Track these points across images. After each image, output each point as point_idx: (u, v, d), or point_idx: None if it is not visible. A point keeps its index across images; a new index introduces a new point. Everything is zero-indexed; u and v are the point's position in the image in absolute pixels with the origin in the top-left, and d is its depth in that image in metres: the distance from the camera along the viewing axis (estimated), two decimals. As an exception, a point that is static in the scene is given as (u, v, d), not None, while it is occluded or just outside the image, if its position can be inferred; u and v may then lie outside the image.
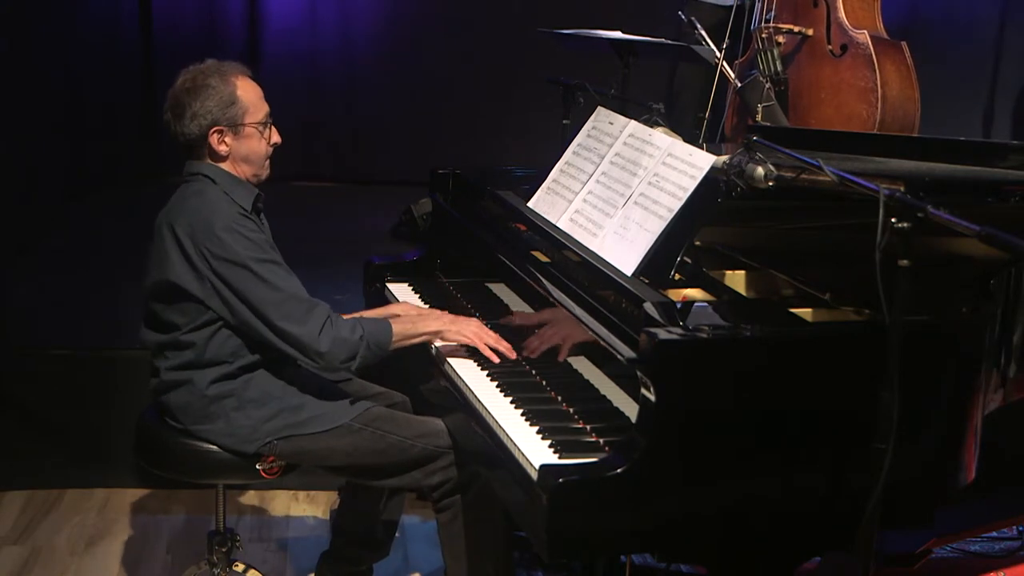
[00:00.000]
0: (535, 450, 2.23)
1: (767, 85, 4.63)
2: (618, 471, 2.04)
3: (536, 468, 2.11)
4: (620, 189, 2.64)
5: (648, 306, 2.19)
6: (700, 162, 2.48)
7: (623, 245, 2.53)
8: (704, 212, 2.49)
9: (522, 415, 2.39)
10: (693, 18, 4.67)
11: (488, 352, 2.67)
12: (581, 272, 2.54)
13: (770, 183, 2.27)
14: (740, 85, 4.70)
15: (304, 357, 2.63)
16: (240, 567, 3.12)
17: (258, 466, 2.74)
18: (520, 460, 2.22)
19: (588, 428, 2.33)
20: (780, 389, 2.14)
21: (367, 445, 2.73)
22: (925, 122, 4.68)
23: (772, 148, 2.32)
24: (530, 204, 2.92)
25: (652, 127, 2.75)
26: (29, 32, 5.07)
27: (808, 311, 2.37)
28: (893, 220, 1.89)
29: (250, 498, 3.85)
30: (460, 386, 2.62)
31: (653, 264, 2.45)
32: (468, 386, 2.58)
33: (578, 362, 2.58)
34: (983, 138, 5.82)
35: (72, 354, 3.86)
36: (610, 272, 2.45)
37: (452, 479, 2.74)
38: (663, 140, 2.63)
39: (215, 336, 2.66)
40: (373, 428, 2.74)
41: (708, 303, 2.40)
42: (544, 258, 2.76)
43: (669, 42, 4.78)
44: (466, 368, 2.68)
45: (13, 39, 4.85)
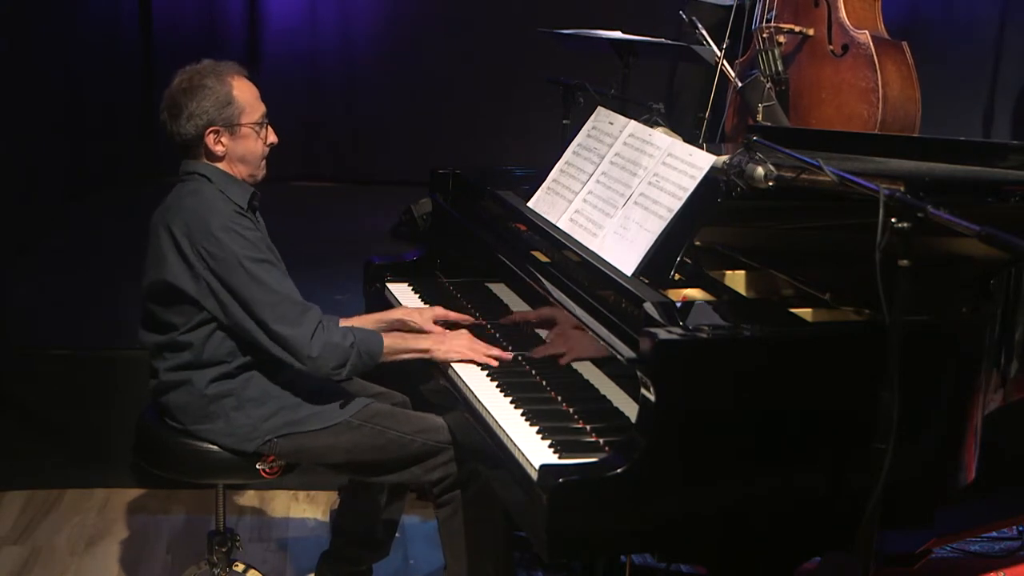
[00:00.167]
0: (535, 450, 2.23)
1: (768, 85, 4.63)
2: (618, 471, 2.04)
3: (536, 468, 2.11)
4: (620, 189, 2.64)
5: (648, 306, 2.19)
6: (700, 162, 2.48)
7: (623, 245, 2.53)
8: (704, 212, 2.49)
9: (522, 415, 2.39)
10: (694, 18, 4.67)
11: (485, 360, 2.67)
12: (581, 272, 2.54)
13: (770, 183, 2.27)
14: (741, 85, 4.70)
15: (295, 360, 2.61)
16: (240, 567, 3.12)
17: (258, 466, 2.74)
18: (520, 460, 2.22)
19: (588, 428, 2.33)
20: (780, 389, 2.14)
21: (367, 441, 2.73)
22: (925, 122, 4.68)
23: (772, 148, 2.32)
24: (530, 204, 2.92)
25: (652, 127, 2.75)
26: (29, 32, 5.06)
27: (808, 311, 2.37)
28: (893, 220, 1.89)
29: (250, 498, 3.85)
30: (460, 386, 2.62)
31: (653, 264, 2.45)
32: (468, 386, 2.58)
33: (578, 362, 2.58)
34: (983, 138, 5.82)
35: (72, 354, 3.86)
36: (610, 272, 2.45)
37: (452, 475, 2.74)
38: (663, 140, 2.63)
39: (212, 336, 2.66)
40: (373, 424, 2.74)
41: (708, 303, 2.40)
42: (544, 258, 2.76)
43: (669, 42, 4.78)
44: (466, 368, 2.68)
45: (13, 39, 4.85)
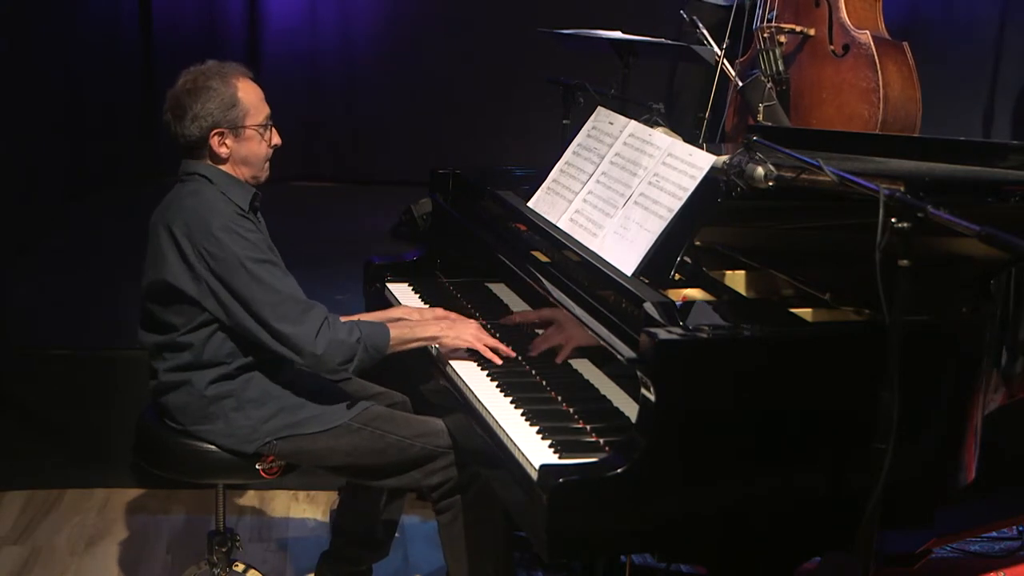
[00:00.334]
0: (535, 450, 2.23)
1: (769, 85, 4.63)
2: (618, 471, 2.04)
3: (536, 468, 2.11)
4: (620, 189, 2.64)
5: (648, 306, 2.19)
6: (700, 162, 2.48)
7: (623, 245, 2.52)
8: (704, 212, 2.49)
9: (522, 415, 2.39)
10: (695, 17, 4.67)
11: (488, 353, 2.67)
12: (581, 272, 2.54)
13: (770, 183, 2.27)
14: (742, 84, 4.69)
15: (300, 359, 2.60)
16: (240, 567, 3.12)
17: (258, 466, 2.74)
18: (520, 460, 2.22)
19: (588, 428, 2.33)
20: (780, 389, 2.14)
21: (366, 445, 2.73)
22: (925, 122, 4.68)
23: (772, 148, 2.32)
24: (530, 204, 2.92)
25: (652, 127, 2.75)
26: (29, 32, 5.06)
27: (808, 311, 2.37)
28: (893, 220, 1.89)
29: (250, 498, 3.85)
30: (460, 386, 2.62)
31: (653, 264, 2.45)
32: (468, 386, 2.58)
33: (578, 362, 2.58)
34: (983, 138, 5.82)
35: (72, 354, 3.86)
36: (610, 272, 2.45)
37: (452, 479, 2.74)
38: (663, 140, 2.63)
39: (212, 337, 2.66)
40: (372, 428, 2.74)
41: (708, 303, 2.40)
42: (544, 258, 2.76)
43: (669, 42, 4.78)
44: (466, 368, 2.68)
45: (13, 39, 4.85)
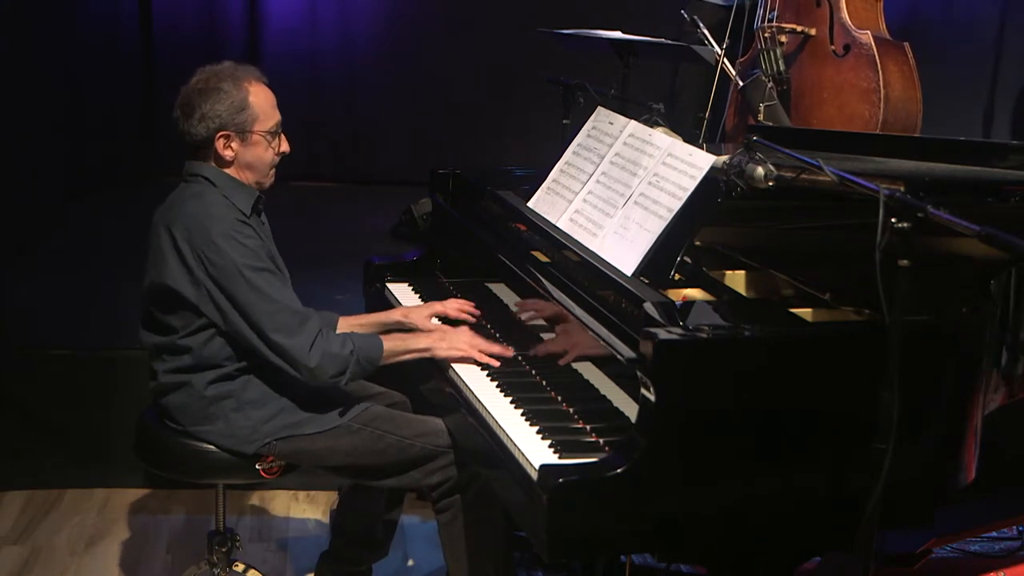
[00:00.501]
0: (535, 450, 2.23)
1: (769, 85, 4.63)
2: (618, 471, 2.03)
3: (536, 468, 2.11)
4: (620, 189, 2.64)
5: (648, 306, 2.19)
6: (700, 162, 2.48)
7: (623, 245, 2.52)
8: (704, 212, 2.49)
9: (522, 415, 2.39)
10: (696, 17, 4.67)
11: (484, 359, 2.67)
12: (581, 272, 2.54)
13: (770, 183, 2.27)
14: (742, 84, 4.69)
15: (293, 370, 2.60)
16: (240, 567, 3.12)
17: (258, 466, 2.74)
18: (520, 460, 2.22)
19: (588, 428, 2.33)
20: (780, 389, 2.14)
21: (366, 445, 2.73)
22: (925, 122, 4.68)
23: (772, 148, 2.32)
24: (530, 204, 2.92)
25: (652, 127, 2.75)
26: (29, 32, 5.06)
27: (808, 311, 2.37)
28: (893, 220, 1.89)
29: (250, 498, 3.85)
30: (460, 386, 2.62)
31: (653, 264, 2.45)
32: (468, 386, 2.58)
33: (578, 362, 2.57)
34: (983, 138, 5.82)
35: (72, 354, 3.86)
36: (610, 272, 2.45)
37: (452, 479, 2.74)
38: (663, 140, 2.63)
39: (211, 341, 2.65)
40: (372, 428, 2.74)
41: (708, 303, 2.40)
42: (544, 258, 2.76)
43: (669, 42, 4.78)
44: (466, 368, 2.67)
45: (13, 39, 4.85)
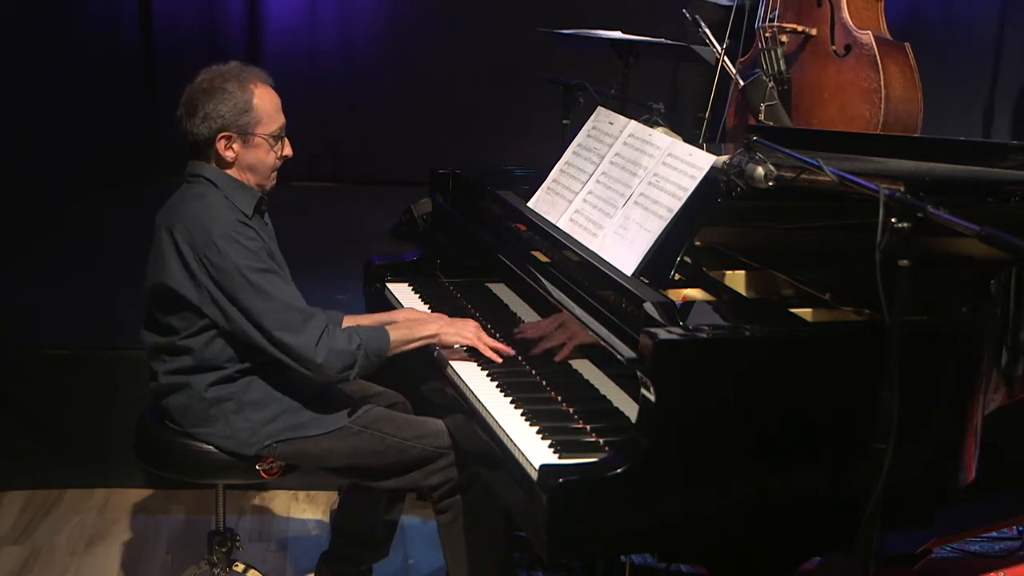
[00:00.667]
0: (535, 450, 2.23)
1: (770, 84, 4.62)
2: (618, 471, 2.03)
3: (536, 468, 2.11)
4: (620, 189, 2.64)
5: (648, 306, 2.19)
6: (700, 162, 2.48)
7: (623, 245, 2.52)
8: (704, 212, 2.49)
9: (522, 415, 2.39)
10: (697, 16, 4.67)
11: (488, 352, 2.67)
12: (581, 272, 2.54)
13: (770, 183, 2.27)
14: (743, 84, 4.69)
15: (300, 367, 2.60)
16: (240, 567, 3.12)
17: (258, 466, 2.73)
18: (520, 460, 2.22)
19: (588, 428, 2.33)
20: (780, 389, 2.14)
21: (366, 447, 2.73)
22: (925, 122, 4.67)
23: (772, 148, 2.31)
24: (530, 204, 2.92)
25: (652, 127, 2.75)
26: (29, 32, 5.06)
27: (808, 311, 2.37)
28: (893, 220, 1.89)
29: (250, 498, 3.85)
30: (460, 386, 2.62)
31: (653, 264, 2.45)
32: (468, 386, 2.58)
33: (578, 362, 2.57)
34: (983, 138, 5.82)
35: (72, 354, 3.86)
36: (610, 272, 2.45)
37: (452, 480, 2.74)
38: (663, 140, 2.63)
39: (212, 342, 2.65)
40: (372, 430, 2.73)
41: (708, 303, 2.40)
42: (544, 258, 2.76)
43: (669, 42, 4.77)
44: (466, 368, 2.68)
45: (13, 39, 4.85)
